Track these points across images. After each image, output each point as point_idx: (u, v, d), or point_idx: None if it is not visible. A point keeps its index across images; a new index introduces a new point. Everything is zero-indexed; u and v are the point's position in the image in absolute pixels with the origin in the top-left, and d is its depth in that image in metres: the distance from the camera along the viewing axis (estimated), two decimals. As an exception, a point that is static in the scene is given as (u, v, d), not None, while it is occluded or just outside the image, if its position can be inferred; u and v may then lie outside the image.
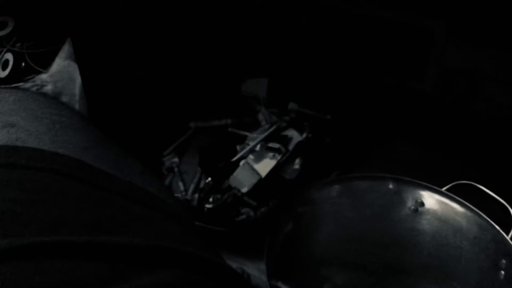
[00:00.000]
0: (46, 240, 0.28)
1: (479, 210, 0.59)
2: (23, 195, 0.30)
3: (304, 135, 0.81)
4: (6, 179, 0.31)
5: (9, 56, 0.77)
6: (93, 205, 0.32)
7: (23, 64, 0.77)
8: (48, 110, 0.37)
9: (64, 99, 0.72)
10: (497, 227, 0.56)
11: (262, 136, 0.80)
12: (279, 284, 0.60)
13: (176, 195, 0.78)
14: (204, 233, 0.39)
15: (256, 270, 0.69)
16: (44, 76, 0.74)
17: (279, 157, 0.77)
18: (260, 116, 0.85)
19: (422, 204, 0.62)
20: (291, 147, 0.79)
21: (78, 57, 0.75)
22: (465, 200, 0.59)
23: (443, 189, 0.61)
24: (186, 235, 0.36)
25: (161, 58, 0.85)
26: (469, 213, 0.59)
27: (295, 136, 0.81)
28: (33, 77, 0.75)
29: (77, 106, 0.72)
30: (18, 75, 0.75)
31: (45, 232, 0.29)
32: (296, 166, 0.78)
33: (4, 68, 0.76)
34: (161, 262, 0.31)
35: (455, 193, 0.60)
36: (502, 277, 0.56)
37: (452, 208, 0.60)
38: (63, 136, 0.35)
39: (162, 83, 0.86)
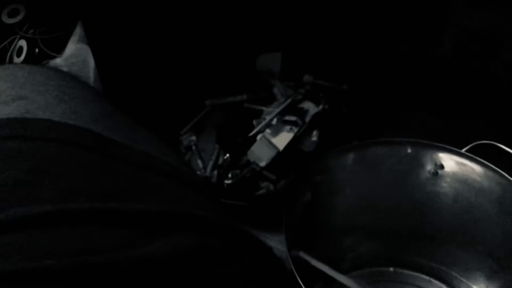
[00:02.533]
0: (61, 208, 0.28)
1: (501, 170, 0.58)
2: (36, 165, 0.30)
3: (321, 106, 0.80)
4: (17, 150, 0.31)
5: (22, 43, 0.78)
6: (107, 174, 0.32)
7: (37, 50, 0.77)
8: (57, 82, 0.37)
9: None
10: (520, 185, 0.55)
11: (278, 109, 0.80)
12: (301, 254, 0.60)
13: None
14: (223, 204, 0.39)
15: (278, 243, 0.69)
16: (58, 61, 0.75)
17: (296, 129, 0.77)
18: (276, 90, 0.84)
19: (442, 166, 0.61)
20: (307, 119, 0.78)
21: (90, 39, 0.75)
22: (486, 161, 0.58)
23: (463, 150, 0.60)
24: (203, 201, 0.36)
25: (174, 36, 0.85)
26: (490, 173, 0.58)
27: (311, 108, 0.80)
28: (47, 62, 0.75)
29: (92, 89, 0.72)
30: (32, 61, 0.76)
31: (59, 201, 0.29)
32: (314, 138, 0.77)
33: (18, 55, 0.77)
34: (177, 227, 0.31)
35: (475, 154, 0.59)
36: (526, 236, 0.56)
37: (472, 169, 0.59)
38: (74, 107, 0.35)
39: (176, 61, 0.85)
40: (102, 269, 0.26)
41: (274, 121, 0.79)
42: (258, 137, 0.77)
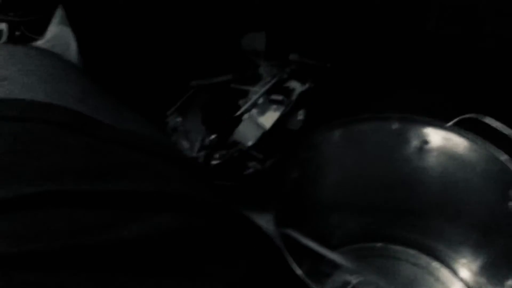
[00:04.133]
0: (42, 190, 0.27)
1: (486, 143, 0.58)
2: (18, 146, 0.30)
3: (307, 85, 0.80)
4: (-1, 131, 0.30)
5: (3, 26, 0.76)
6: (91, 154, 0.32)
7: (18, 33, 0.76)
8: (40, 62, 0.36)
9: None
10: (504, 158, 0.56)
11: (264, 89, 0.79)
12: (289, 231, 0.60)
13: (182, 154, 0.78)
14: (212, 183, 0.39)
15: (266, 222, 0.69)
16: (39, 43, 0.73)
17: (282, 108, 0.76)
18: (261, 70, 0.84)
19: (427, 141, 0.61)
20: (294, 98, 0.78)
21: (71, 21, 0.74)
22: (471, 134, 0.59)
23: (448, 124, 0.60)
24: (191, 179, 0.35)
25: (158, 16, 0.84)
26: (475, 147, 0.58)
27: (297, 87, 0.80)
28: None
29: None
30: (11, 44, 0.74)
31: (43, 182, 0.28)
32: (300, 117, 0.77)
33: (-1, 38, 0.75)
34: (164, 208, 0.30)
35: (461, 129, 0.60)
36: (511, 208, 0.56)
37: (457, 142, 0.59)
38: (57, 88, 0.35)
39: (160, 42, 0.84)
40: (87, 251, 0.26)
41: (260, 101, 0.78)
42: (245, 116, 0.77)
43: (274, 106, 0.77)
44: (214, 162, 0.75)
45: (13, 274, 0.23)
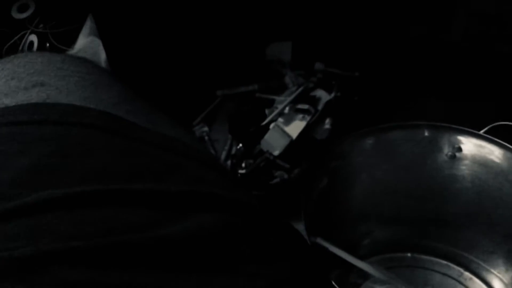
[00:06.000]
0: (85, 190, 0.28)
1: (519, 150, 0.57)
2: (58, 149, 0.30)
3: (333, 94, 0.79)
4: (39, 134, 0.31)
5: (33, 38, 0.78)
6: (128, 156, 0.32)
7: (48, 44, 0.77)
8: (76, 68, 0.37)
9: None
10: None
11: (290, 98, 0.79)
12: (318, 240, 0.59)
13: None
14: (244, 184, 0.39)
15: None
16: (69, 54, 0.75)
17: (308, 118, 0.76)
18: (287, 79, 0.84)
19: (460, 149, 0.60)
20: (320, 107, 0.78)
21: (101, 32, 0.75)
22: (504, 142, 0.58)
23: (481, 132, 0.59)
24: (223, 181, 0.36)
25: (185, 27, 0.84)
26: (509, 154, 0.57)
27: (323, 96, 0.80)
28: (58, 56, 0.75)
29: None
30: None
31: (83, 183, 0.29)
32: (327, 126, 0.77)
33: (29, 50, 0.77)
34: (200, 207, 0.31)
35: (493, 136, 0.59)
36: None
37: (490, 150, 0.58)
38: (93, 92, 0.35)
39: (187, 52, 0.85)
40: (128, 250, 0.26)
41: (287, 110, 0.78)
42: (271, 126, 0.76)
43: (300, 116, 0.77)
44: (240, 172, 0.75)
45: (59, 270, 0.24)
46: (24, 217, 0.26)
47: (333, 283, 0.48)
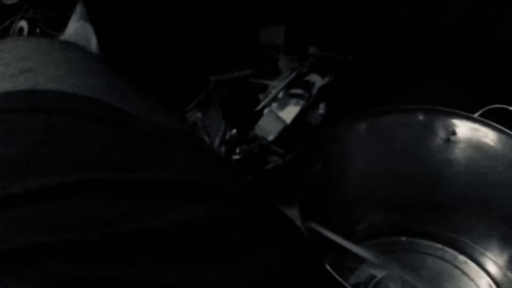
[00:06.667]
0: (74, 180, 0.27)
1: (514, 133, 0.57)
2: (47, 137, 0.30)
3: (327, 78, 0.79)
4: (27, 122, 0.30)
5: (23, 23, 0.77)
6: (119, 144, 0.32)
7: (38, 30, 0.76)
8: (65, 54, 0.36)
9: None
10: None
11: (284, 83, 0.79)
12: (313, 225, 0.59)
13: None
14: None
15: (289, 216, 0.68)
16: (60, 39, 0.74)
17: (302, 102, 0.76)
18: (281, 64, 0.83)
19: (454, 132, 0.60)
20: (314, 91, 0.78)
21: (91, 17, 0.74)
22: (498, 125, 0.57)
23: (475, 115, 0.59)
24: (216, 168, 0.35)
25: (177, 11, 0.83)
26: (503, 137, 0.57)
27: (317, 80, 0.79)
28: (49, 42, 0.74)
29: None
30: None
31: (73, 172, 0.28)
32: (321, 111, 0.77)
33: (19, 35, 0.76)
34: (193, 197, 0.30)
35: (488, 119, 0.58)
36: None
37: (485, 133, 0.58)
38: (83, 79, 0.34)
39: (179, 37, 0.84)
40: (120, 241, 0.26)
41: (280, 95, 0.78)
42: (265, 111, 0.76)
43: (294, 100, 0.77)
44: (235, 157, 0.75)
45: (52, 263, 0.23)
46: (11, 207, 0.25)
47: (328, 267, 0.48)
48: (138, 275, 0.24)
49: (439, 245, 0.68)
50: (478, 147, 0.59)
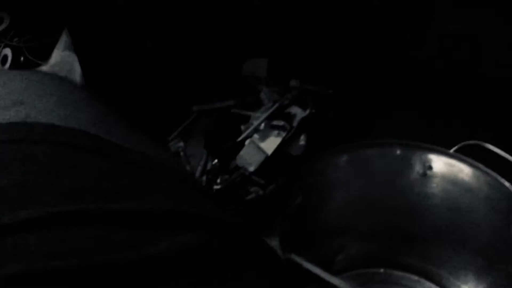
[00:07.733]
0: (66, 210, 0.28)
1: (488, 169, 0.59)
2: (36, 168, 0.30)
3: (308, 111, 0.80)
4: (17, 153, 0.31)
5: (7, 51, 0.77)
6: (108, 175, 0.32)
7: (22, 58, 0.77)
8: (55, 87, 0.37)
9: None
10: (507, 184, 0.56)
11: (266, 114, 0.80)
12: (293, 257, 0.60)
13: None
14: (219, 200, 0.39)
15: (269, 247, 0.69)
16: (44, 68, 0.74)
17: (284, 134, 0.77)
18: (263, 95, 0.84)
19: (430, 167, 0.62)
20: (295, 123, 0.79)
21: (76, 47, 0.74)
22: (473, 160, 0.59)
23: (451, 150, 0.61)
24: (203, 200, 0.36)
25: (161, 42, 0.85)
26: (478, 173, 0.59)
27: (298, 112, 0.81)
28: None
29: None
30: (18, 69, 0.75)
31: (63, 202, 0.29)
32: (302, 142, 0.78)
33: (3, 63, 0.76)
34: (181, 227, 0.31)
35: (463, 155, 0.60)
36: (514, 233, 0.57)
37: (460, 169, 0.60)
38: (73, 112, 0.35)
39: (163, 67, 0.85)
40: (110, 269, 0.26)
41: (262, 126, 0.79)
42: (247, 142, 0.77)
43: (276, 132, 0.78)
44: (216, 187, 0.75)
45: None
46: (3, 236, 0.26)
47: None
48: None
49: (416, 277, 0.69)
50: (454, 182, 0.61)
